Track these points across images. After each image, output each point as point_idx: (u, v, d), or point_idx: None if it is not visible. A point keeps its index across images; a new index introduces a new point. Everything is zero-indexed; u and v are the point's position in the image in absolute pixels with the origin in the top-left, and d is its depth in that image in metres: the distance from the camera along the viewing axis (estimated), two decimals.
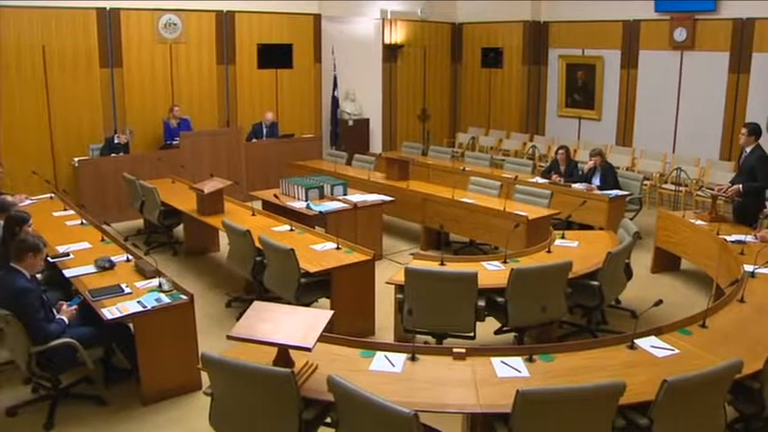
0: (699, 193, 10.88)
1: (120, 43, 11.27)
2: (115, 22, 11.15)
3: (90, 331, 5.16)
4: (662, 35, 12.56)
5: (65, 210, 8.17)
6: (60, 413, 5.13)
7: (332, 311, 4.26)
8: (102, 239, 6.91)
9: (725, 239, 6.89)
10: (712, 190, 7.97)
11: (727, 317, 4.96)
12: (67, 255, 6.37)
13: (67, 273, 5.90)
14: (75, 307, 5.27)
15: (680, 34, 12.21)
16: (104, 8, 11.01)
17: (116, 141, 10.63)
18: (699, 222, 7.70)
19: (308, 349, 3.88)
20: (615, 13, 13.19)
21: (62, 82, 10.77)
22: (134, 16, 11.35)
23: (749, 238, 6.81)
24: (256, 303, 4.30)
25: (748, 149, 7.69)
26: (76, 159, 10.33)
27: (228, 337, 4.00)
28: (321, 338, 4.25)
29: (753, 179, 7.56)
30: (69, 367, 5.12)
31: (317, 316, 4.16)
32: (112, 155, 10.54)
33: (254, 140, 12.28)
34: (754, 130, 7.67)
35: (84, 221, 7.58)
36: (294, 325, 4.01)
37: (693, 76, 12.33)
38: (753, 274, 5.76)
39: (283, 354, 4.01)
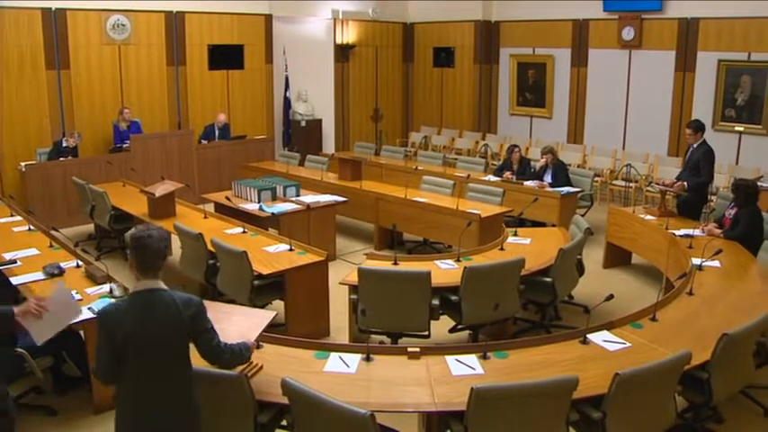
0: (648, 188, 11.08)
1: (66, 44, 11.05)
2: (61, 22, 10.94)
3: None
4: (610, 34, 12.75)
5: (11, 216, 7.98)
6: None
7: (274, 312, 4.25)
8: (51, 245, 6.77)
9: (674, 234, 7.03)
10: (660, 185, 8.12)
11: (676, 310, 5.06)
12: (14, 262, 6.22)
13: (15, 280, 5.76)
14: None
15: (628, 33, 12.40)
16: (50, 8, 10.79)
17: (64, 145, 10.43)
18: (648, 217, 7.84)
19: None
20: (565, 12, 13.35)
21: (7, 85, 10.53)
22: (81, 17, 11.15)
23: (697, 232, 6.95)
24: (205, 303, 4.25)
25: (695, 145, 7.86)
26: (23, 164, 10.10)
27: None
28: (275, 340, 4.24)
29: (699, 173, 7.74)
30: (17, 377, 5.00)
31: (260, 316, 4.14)
32: (61, 159, 10.34)
33: (204, 142, 12.16)
34: (699, 127, 7.85)
35: (32, 227, 7.42)
36: (236, 325, 3.97)
37: (641, 74, 12.53)
38: (700, 268, 5.89)
39: None
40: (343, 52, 14.85)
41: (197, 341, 3.42)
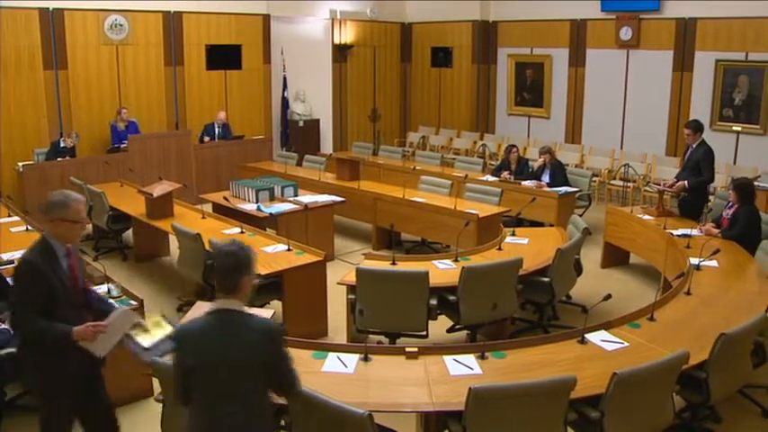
0: (646, 188, 11.09)
1: (64, 45, 11.05)
2: (59, 22, 10.93)
3: None
4: (608, 34, 12.75)
5: (9, 216, 7.97)
6: (6, 426, 5.00)
7: (272, 311, 4.24)
8: None
9: (671, 234, 7.03)
10: (659, 185, 8.13)
11: (674, 309, 5.06)
12: (12, 262, 6.20)
13: (12, 281, 5.73)
14: None
15: (626, 33, 12.41)
16: (47, 8, 10.78)
17: (62, 145, 10.42)
18: (646, 217, 7.84)
19: None
20: (562, 12, 13.36)
21: (4, 85, 10.51)
22: (79, 17, 11.14)
23: (695, 232, 6.95)
24: (199, 303, 4.28)
25: (695, 145, 7.87)
26: (21, 164, 10.09)
27: (168, 338, 3.91)
28: None
29: (698, 173, 7.74)
30: (15, 378, 4.99)
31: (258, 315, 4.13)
32: (58, 159, 10.32)
33: (206, 139, 12.16)
34: (698, 127, 7.86)
35: (30, 227, 7.41)
36: None
37: (639, 74, 12.54)
38: (698, 267, 5.88)
39: None
40: (341, 52, 14.85)
41: (271, 368, 3.15)
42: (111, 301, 5.26)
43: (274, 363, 3.15)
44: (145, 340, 3.91)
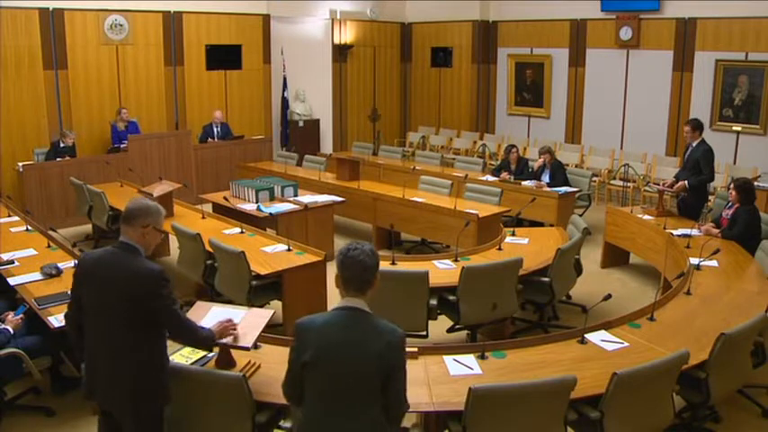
0: (646, 188, 11.10)
1: (64, 44, 11.04)
2: (59, 22, 10.93)
3: (36, 340, 5.02)
4: (608, 34, 12.76)
5: (9, 216, 7.96)
6: (6, 426, 5.00)
7: (272, 311, 4.23)
8: (49, 246, 6.76)
9: (671, 234, 7.04)
10: (659, 185, 8.13)
11: (674, 309, 5.06)
12: (12, 262, 6.21)
13: (12, 281, 5.74)
14: (20, 316, 5.11)
15: (625, 33, 12.41)
16: (47, 8, 10.78)
17: (62, 145, 10.42)
18: (646, 217, 7.84)
19: (247, 348, 3.88)
20: (562, 12, 13.36)
21: (4, 85, 10.50)
22: (79, 17, 11.14)
23: (694, 232, 6.95)
24: (198, 303, 4.26)
25: (694, 144, 7.88)
26: (21, 164, 10.08)
27: (169, 337, 3.90)
28: (273, 341, 4.22)
29: (697, 172, 7.75)
30: (15, 378, 5.00)
31: (258, 315, 4.13)
32: (58, 159, 10.32)
33: (209, 140, 12.16)
34: (698, 126, 7.87)
35: (30, 228, 7.41)
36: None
37: (639, 74, 12.54)
38: (698, 267, 5.89)
39: (224, 354, 4.00)
40: (340, 52, 14.85)
41: (386, 381, 2.92)
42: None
43: (389, 375, 2.93)
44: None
